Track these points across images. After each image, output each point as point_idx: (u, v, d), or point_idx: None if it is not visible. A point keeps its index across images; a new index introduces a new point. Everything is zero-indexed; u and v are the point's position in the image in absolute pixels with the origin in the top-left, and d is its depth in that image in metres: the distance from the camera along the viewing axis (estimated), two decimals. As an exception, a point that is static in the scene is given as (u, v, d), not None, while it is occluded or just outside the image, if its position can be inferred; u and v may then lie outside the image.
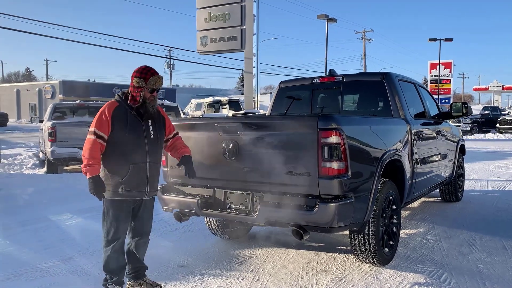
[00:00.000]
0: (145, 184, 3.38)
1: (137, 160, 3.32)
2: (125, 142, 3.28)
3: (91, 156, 3.19)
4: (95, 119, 3.25)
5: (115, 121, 3.25)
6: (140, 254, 3.58)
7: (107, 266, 3.41)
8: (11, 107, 51.48)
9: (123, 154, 3.28)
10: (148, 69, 3.34)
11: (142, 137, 3.34)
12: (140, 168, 3.34)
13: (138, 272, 3.58)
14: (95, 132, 3.21)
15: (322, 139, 3.33)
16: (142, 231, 3.54)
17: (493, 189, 7.90)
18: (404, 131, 4.59)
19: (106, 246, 3.38)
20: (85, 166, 3.19)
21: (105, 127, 3.23)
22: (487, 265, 4.05)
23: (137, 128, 3.32)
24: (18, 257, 4.40)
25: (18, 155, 13.07)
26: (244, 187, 3.80)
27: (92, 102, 13.17)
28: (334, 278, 3.79)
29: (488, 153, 14.65)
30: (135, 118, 3.33)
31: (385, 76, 4.94)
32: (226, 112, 22.23)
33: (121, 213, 3.35)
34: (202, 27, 19.85)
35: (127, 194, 3.31)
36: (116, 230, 3.35)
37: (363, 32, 46.29)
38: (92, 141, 3.20)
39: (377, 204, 3.81)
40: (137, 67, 3.38)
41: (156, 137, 3.44)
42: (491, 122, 26.63)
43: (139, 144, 3.33)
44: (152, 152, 3.41)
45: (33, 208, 6.56)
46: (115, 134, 3.26)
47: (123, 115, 3.29)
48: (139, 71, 3.32)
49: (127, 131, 3.28)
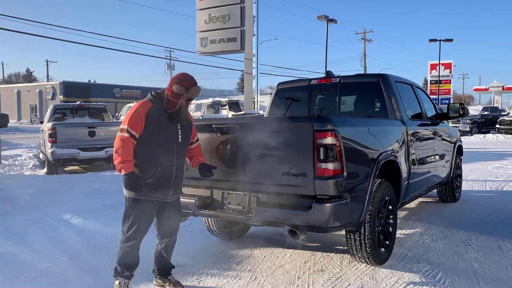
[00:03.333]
0: (170, 187, 3.44)
1: (165, 163, 3.37)
2: (155, 144, 3.32)
3: (124, 152, 3.22)
4: (128, 117, 3.26)
5: (148, 122, 3.28)
6: (168, 254, 3.66)
7: (122, 260, 3.46)
8: (11, 108, 51.61)
9: (152, 155, 3.33)
10: (190, 78, 3.36)
11: (171, 140, 3.38)
12: (167, 171, 3.39)
13: (165, 271, 3.66)
14: (128, 130, 3.23)
15: (318, 140, 3.37)
16: (170, 231, 3.60)
17: (491, 190, 7.93)
18: (401, 132, 4.63)
19: (124, 242, 3.43)
20: (120, 163, 3.21)
21: (138, 127, 3.25)
22: (482, 265, 4.08)
23: (167, 131, 3.36)
24: (19, 257, 4.44)
25: (19, 156, 13.13)
26: (241, 188, 3.85)
27: (92, 103, 13.23)
28: (330, 277, 3.83)
29: (487, 153, 14.68)
30: (166, 121, 3.36)
31: (381, 77, 4.98)
32: (226, 113, 22.28)
33: (143, 212, 3.40)
34: (202, 28, 19.89)
35: (151, 195, 3.37)
36: (137, 229, 3.40)
37: (363, 32, 46.32)
38: (126, 139, 3.23)
39: (373, 204, 3.85)
40: (179, 73, 3.39)
41: (184, 141, 3.49)
42: (490, 123, 26.61)
43: (168, 147, 3.37)
44: (179, 156, 3.47)
45: (34, 208, 6.60)
46: (146, 134, 3.29)
47: (156, 117, 3.31)
48: (181, 78, 3.34)
49: (159, 134, 3.31)
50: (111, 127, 11.00)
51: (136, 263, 3.54)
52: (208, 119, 4.34)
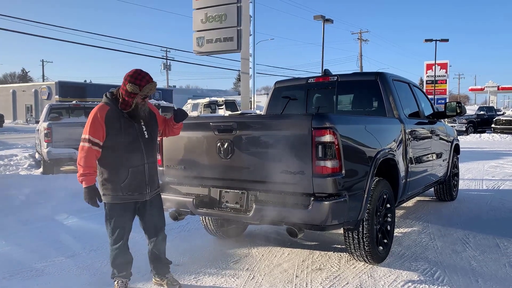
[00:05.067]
0: (145, 185, 3.39)
1: (135, 163, 3.30)
2: (121, 146, 3.24)
3: (86, 165, 3.14)
4: (88, 125, 3.16)
5: (109, 126, 3.18)
6: (161, 251, 3.61)
7: (115, 262, 3.46)
8: (7, 108, 51.32)
9: (120, 158, 3.25)
10: (143, 75, 3.22)
11: (137, 139, 3.30)
12: (139, 171, 3.33)
13: (162, 269, 3.63)
14: (90, 140, 3.14)
15: (316, 138, 3.36)
16: (156, 229, 3.56)
17: (488, 188, 7.95)
18: (398, 131, 4.62)
19: (112, 245, 3.42)
20: (81, 176, 3.16)
21: (100, 133, 3.16)
22: (480, 263, 4.09)
23: (131, 131, 3.27)
24: (14, 257, 4.40)
25: (14, 156, 13.04)
26: (239, 186, 3.83)
27: (88, 103, 13.18)
28: (328, 276, 3.82)
29: (483, 152, 14.72)
30: (128, 121, 3.27)
31: (379, 75, 4.97)
32: (223, 112, 22.25)
33: (123, 215, 3.37)
34: (199, 28, 19.85)
35: (128, 198, 3.32)
36: (120, 230, 3.38)
37: (359, 32, 46.40)
38: (87, 149, 3.14)
39: (371, 202, 3.84)
40: (130, 71, 3.24)
41: (151, 136, 3.42)
42: (486, 122, 26.70)
43: (136, 146, 3.29)
44: (149, 153, 3.40)
45: (30, 208, 6.55)
46: (110, 139, 3.20)
47: (116, 119, 3.22)
48: (133, 76, 3.20)
49: (123, 136, 3.22)
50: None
51: (129, 261, 3.51)
52: (206, 117, 4.32)
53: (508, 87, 59.76)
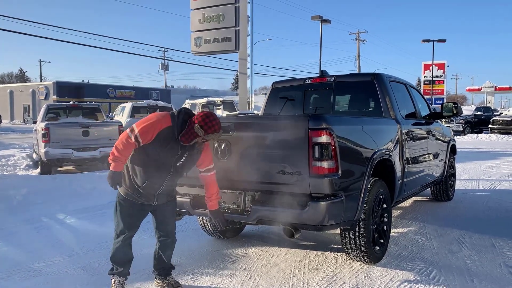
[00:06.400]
0: (154, 197, 3.43)
1: (155, 180, 3.35)
2: (154, 158, 3.29)
3: (122, 152, 3.23)
4: (144, 124, 3.21)
5: (158, 139, 3.23)
6: (167, 255, 3.64)
7: (114, 257, 3.49)
8: (4, 108, 51.22)
9: (146, 167, 3.31)
10: (214, 124, 3.22)
11: (171, 162, 3.34)
12: (153, 187, 3.37)
13: (164, 271, 3.66)
14: (137, 136, 3.19)
15: (313, 138, 3.38)
16: (166, 231, 3.60)
17: (484, 189, 7.99)
18: (395, 131, 4.65)
19: (115, 238, 3.48)
20: (114, 159, 3.23)
21: (148, 137, 3.21)
22: (476, 263, 4.11)
23: (172, 154, 3.32)
24: (12, 257, 4.41)
25: (12, 156, 13.01)
26: (236, 187, 3.85)
27: (86, 103, 13.16)
28: (325, 276, 3.84)
29: (480, 153, 14.77)
30: (176, 146, 3.30)
31: (376, 76, 5.00)
32: (221, 112, 22.23)
33: (130, 210, 3.43)
34: (196, 28, 19.88)
35: (136, 198, 3.40)
36: (126, 224, 3.43)
37: (357, 33, 46.48)
38: (130, 143, 3.21)
39: (367, 202, 3.86)
40: (206, 113, 3.25)
41: (182, 166, 3.42)
42: (483, 123, 26.78)
43: (165, 168, 3.34)
44: (173, 178, 3.44)
45: (27, 209, 6.56)
46: (151, 148, 3.25)
47: (168, 139, 3.25)
48: (205, 121, 3.21)
49: (162, 154, 3.28)
50: (105, 127, 10.94)
51: (129, 259, 3.54)
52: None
53: (505, 88, 60.04)
